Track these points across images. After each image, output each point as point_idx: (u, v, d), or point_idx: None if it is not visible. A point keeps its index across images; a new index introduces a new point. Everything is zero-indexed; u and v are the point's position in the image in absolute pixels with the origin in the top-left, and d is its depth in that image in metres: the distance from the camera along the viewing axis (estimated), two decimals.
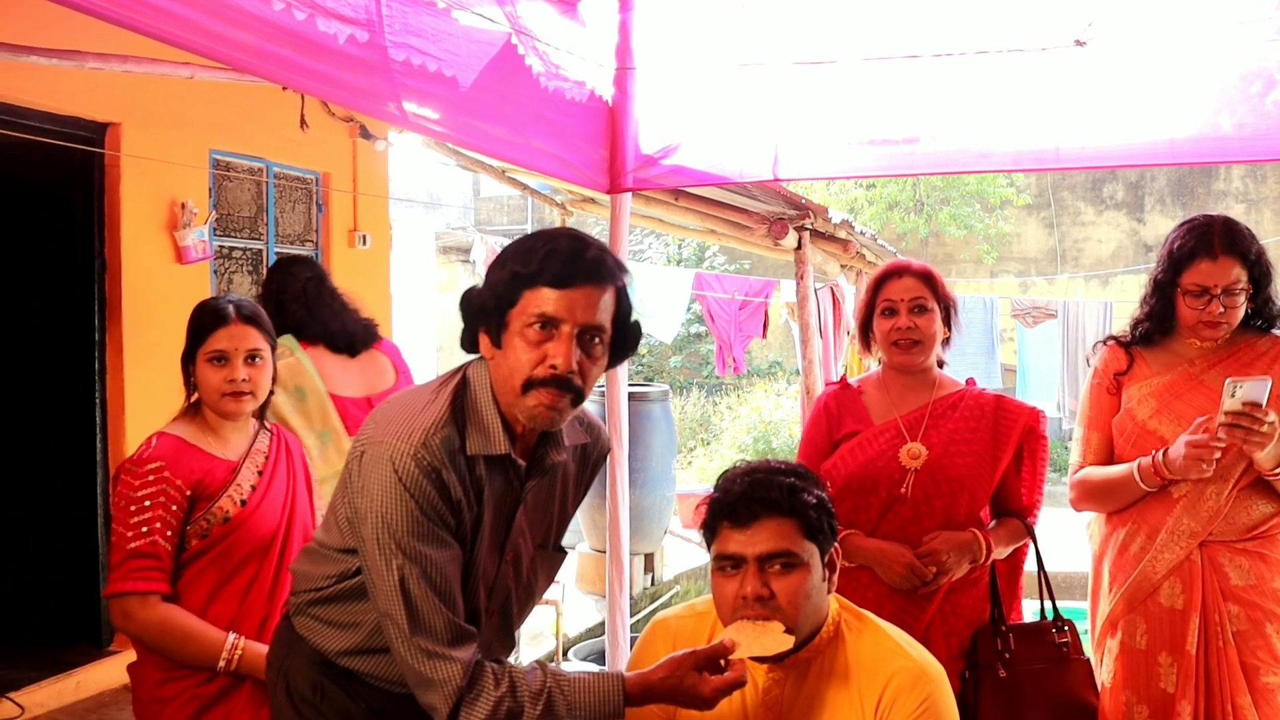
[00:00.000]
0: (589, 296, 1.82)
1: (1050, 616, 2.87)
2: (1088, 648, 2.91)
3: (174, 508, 2.49)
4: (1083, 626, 2.93)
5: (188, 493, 2.51)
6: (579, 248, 1.84)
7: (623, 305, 1.91)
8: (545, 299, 1.81)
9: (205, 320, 2.65)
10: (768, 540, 1.93)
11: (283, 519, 2.65)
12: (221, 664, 2.48)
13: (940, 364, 3.01)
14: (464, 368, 1.99)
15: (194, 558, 2.53)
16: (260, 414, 2.76)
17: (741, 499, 1.96)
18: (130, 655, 2.64)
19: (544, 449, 1.99)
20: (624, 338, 1.94)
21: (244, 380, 2.60)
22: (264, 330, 2.67)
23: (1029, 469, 2.93)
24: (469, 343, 1.95)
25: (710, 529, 2.02)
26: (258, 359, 2.64)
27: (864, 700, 1.96)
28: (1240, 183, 15.15)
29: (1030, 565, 2.98)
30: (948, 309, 2.92)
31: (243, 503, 2.59)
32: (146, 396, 4.95)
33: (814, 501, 1.98)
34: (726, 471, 2.07)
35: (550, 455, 2.00)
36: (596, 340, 1.87)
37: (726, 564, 1.97)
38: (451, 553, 1.86)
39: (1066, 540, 10.10)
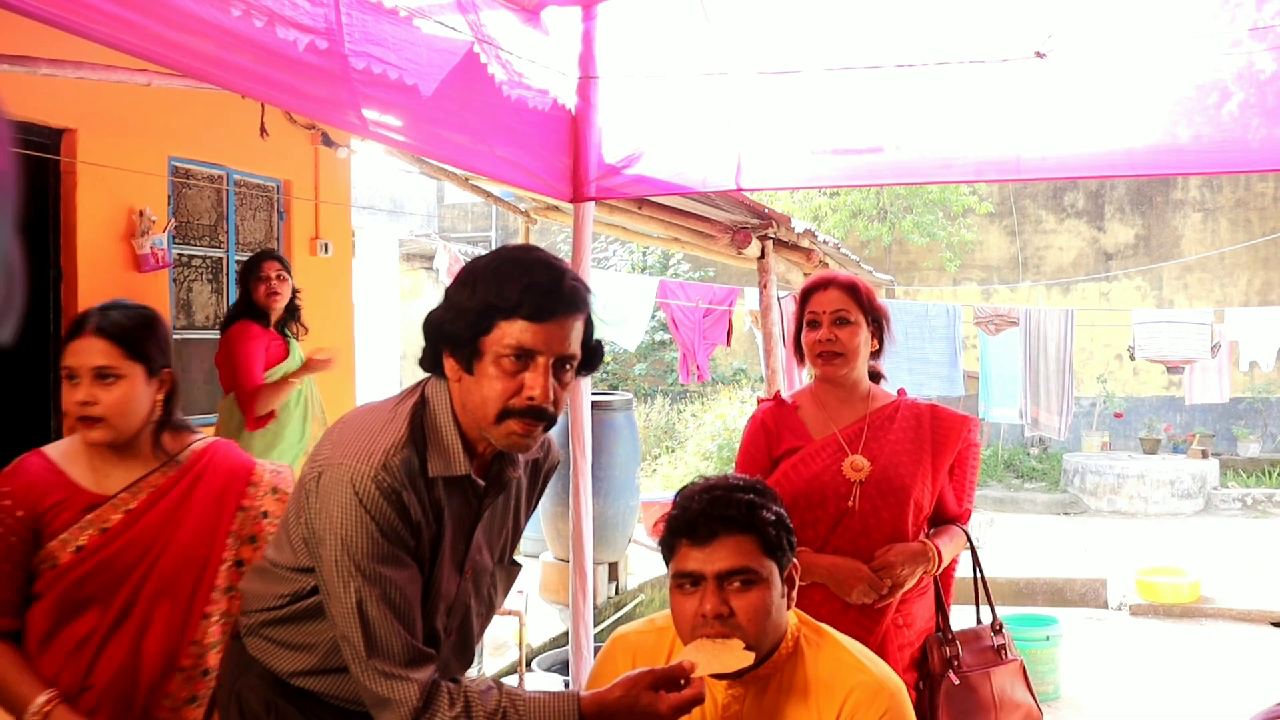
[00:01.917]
0: (564, 329, 1.83)
1: (988, 620, 2.96)
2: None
3: (13, 539, 2.18)
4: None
5: (31, 525, 2.20)
6: (555, 278, 1.83)
7: (589, 328, 1.91)
8: (522, 331, 1.80)
9: (68, 330, 2.31)
10: (727, 558, 1.92)
11: (140, 569, 2.25)
12: None
13: (877, 376, 3.02)
14: (421, 386, 1.97)
15: (34, 598, 2.23)
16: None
17: (700, 516, 1.95)
18: None
19: (500, 466, 1.99)
20: (589, 358, 1.94)
21: (88, 403, 2.22)
22: (124, 345, 2.26)
23: (963, 476, 2.96)
24: (431, 364, 1.93)
25: (668, 546, 2.01)
26: (109, 378, 2.24)
27: (823, 715, 1.96)
28: (1198, 192, 15.33)
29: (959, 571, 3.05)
30: (878, 321, 2.92)
31: (78, 549, 2.21)
32: None
33: (773, 518, 1.97)
34: (685, 488, 2.05)
35: (508, 472, 2.00)
36: (568, 367, 1.87)
37: (685, 582, 1.96)
38: (410, 573, 1.84)
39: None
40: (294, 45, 2.46)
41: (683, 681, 1.85)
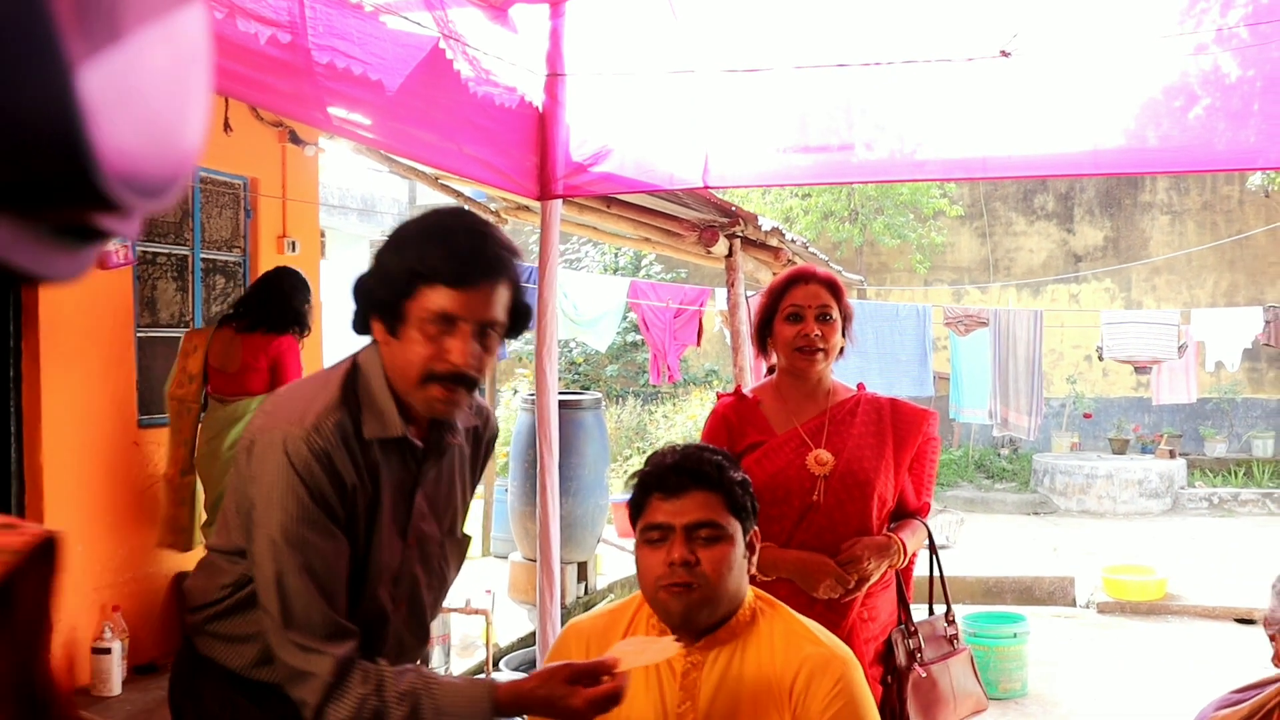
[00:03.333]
0: (487, 295, 1.82)
1: (942, 611, 3.02)
2: None
3: None
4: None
5: None
6: (478, 244, 1.83)
7: (516, 292, 1.91)
8: (444, 297, 1.79)
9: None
10: (696, 510, 1.98)
11: None
12: None
13: None
14: (355, 354, 1.98)
15: None
16: None
17: (671, 470, 2.01)
18: None
19: (439, 432, 2.00)
20: (516, 322, 1.94)
21: None
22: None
23: (921, 470, 2.97)
24: (360, 327, 1.94)
25: (638, 504, 2.05)
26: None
27: (779, 684, 1.99)
28: (1165, 195, 15.45)
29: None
30: (846, 320, 2.92)
31: None
32: (64, 406, 4.83)
33: (739, 479, 2.04)
34: (655, 453, 2.11)
35: (446, 438, 2.01)
36: (494, 333, 1.87)
37: (654, 534, 2.00)
38: (337, 546, 1.84)
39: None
40: (255, 38, 2.44)
41: (605, 678, 1.85)
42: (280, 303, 5.06)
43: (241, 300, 5.29)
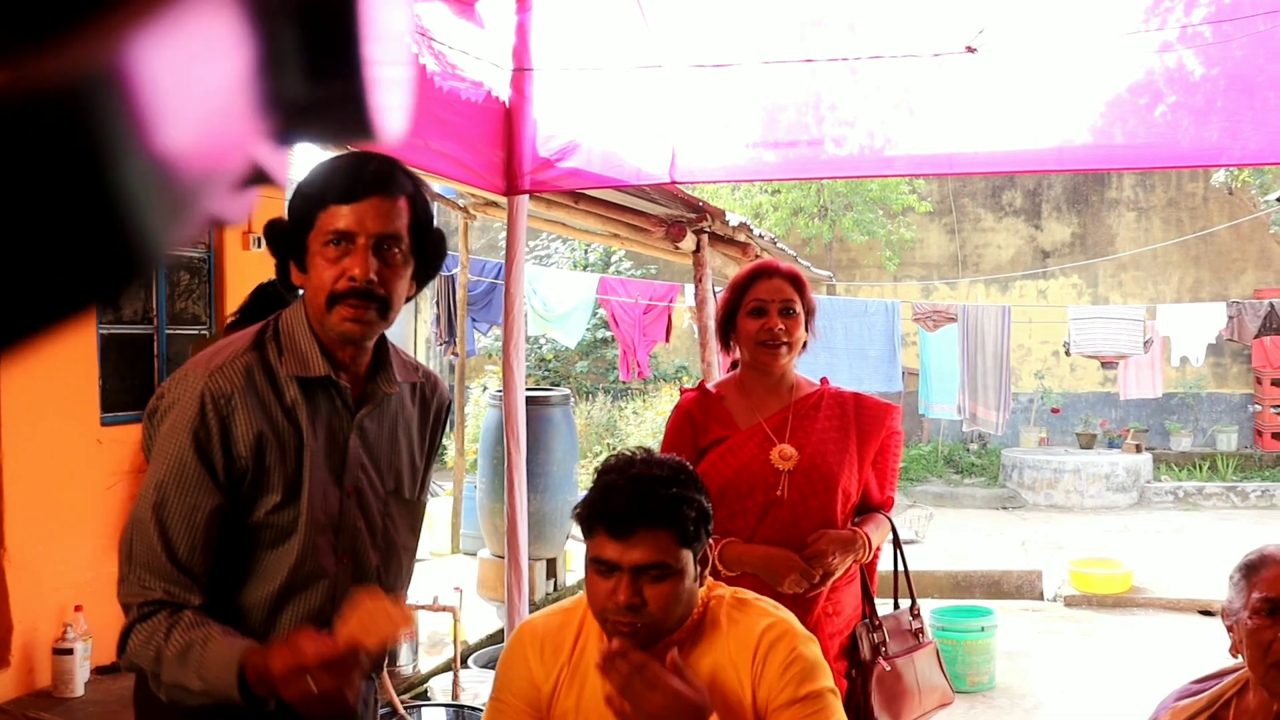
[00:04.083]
0: (377, 208, 1.86)
1: (907, 605, 3.03)
2: None
3: None
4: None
5: None
6: (360, 161, 1.89)
7: (419, 213, 1.93)
8: (336, 216, 1.84)
9: None
10: (644, 552, 1.91)
11: None
12: None
13: None
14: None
15: None
16: None
17: (620, 510, 1.92)
18: None
19: (374, 380, 2.02)
20: (425, 246, 1.96)
21: None
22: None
23: (885, 464, 2.97)
24: (283, 277, 1.97)
25: (587, 527, 1.99)
26: None
27: (739, 665, 1.99)
28: (1131, 192, 15.57)
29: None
30: (809, 314, 2.92)
31: None
32: (24, 404, 4.77)
33: (694, 513, 1.96)
34: (608, 465, 2.02)
35: (382, 386, 2.02)
36: (395, 249, 1.88)
37: (601, 566, 1.95)
38: (210, 504, 1.84)
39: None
40: None
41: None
42: (281, 308, 5.01)
43: (243, 309, 5.18)
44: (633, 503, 1.92)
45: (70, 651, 4.67)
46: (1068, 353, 10.71)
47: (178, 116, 0.37)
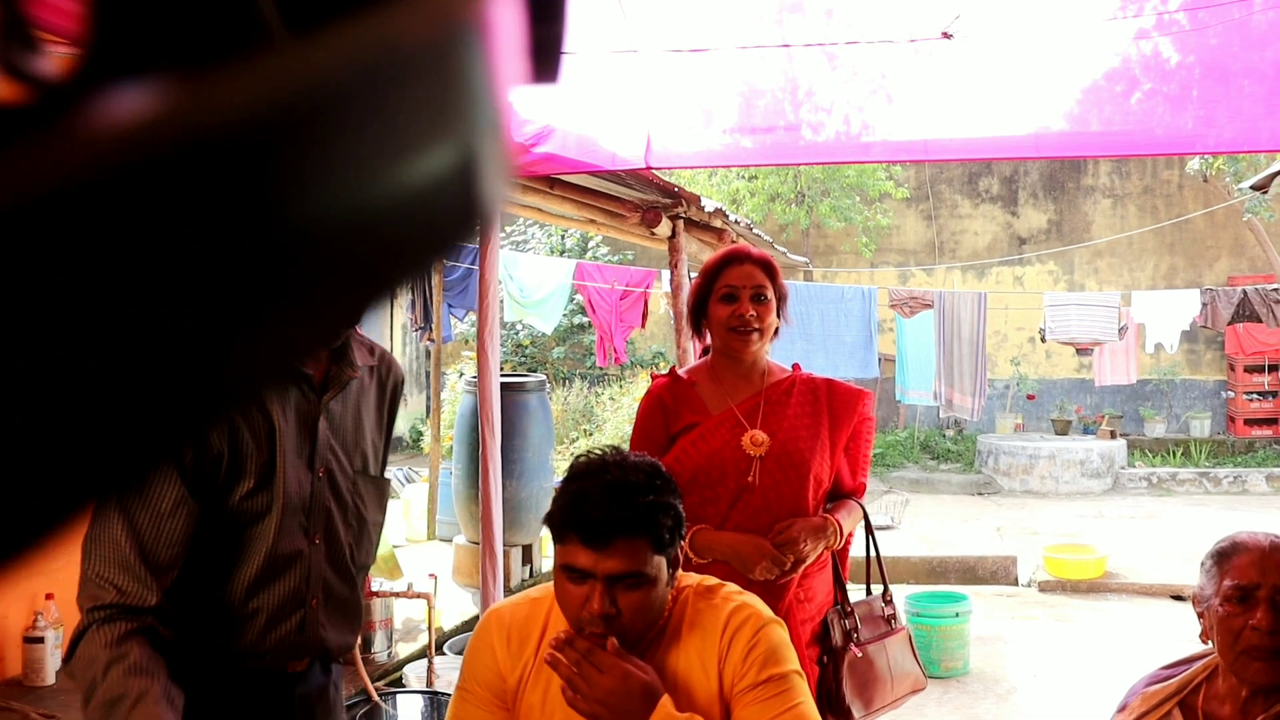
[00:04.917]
0: None
1: (880, 592, 3.04)
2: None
3: None
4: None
5: None
6: None
7: None
8: None
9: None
10: (619, 563, 1.85)
11: None
12: None
13: None
14: None
15: None
16: None
17: (596, 519, 1.86)
18: None
19: (339, 364, 2.08)
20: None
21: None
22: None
23: (857, 450, 2.97)
24: None
25: (558, 531, 1.93)
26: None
27: (706, 657, 1.97)
28: (1107, 179, 15.63)
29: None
30: (781, 300, 2.91)
31: None
32: None
33: (670, 522, 1.91)
34: (580, 467, 1.96)
35: (346, 372, 2.08)
36: None
37: (574, 573, 1.89)
38: (175, 492, 1.85)
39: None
40: None
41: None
42: None
43: None
44: (608, 511, 1.86)
45: (41, 640, 4.63)
46: (1043, 339, 10.75)
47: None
